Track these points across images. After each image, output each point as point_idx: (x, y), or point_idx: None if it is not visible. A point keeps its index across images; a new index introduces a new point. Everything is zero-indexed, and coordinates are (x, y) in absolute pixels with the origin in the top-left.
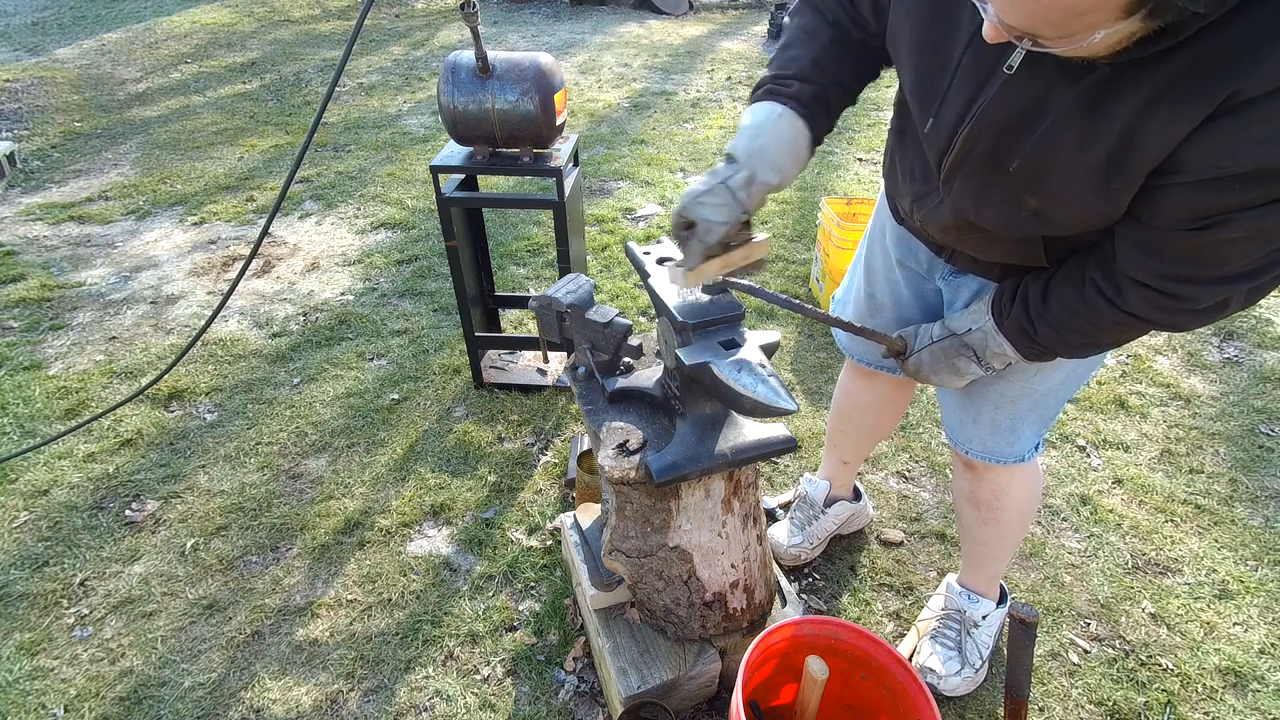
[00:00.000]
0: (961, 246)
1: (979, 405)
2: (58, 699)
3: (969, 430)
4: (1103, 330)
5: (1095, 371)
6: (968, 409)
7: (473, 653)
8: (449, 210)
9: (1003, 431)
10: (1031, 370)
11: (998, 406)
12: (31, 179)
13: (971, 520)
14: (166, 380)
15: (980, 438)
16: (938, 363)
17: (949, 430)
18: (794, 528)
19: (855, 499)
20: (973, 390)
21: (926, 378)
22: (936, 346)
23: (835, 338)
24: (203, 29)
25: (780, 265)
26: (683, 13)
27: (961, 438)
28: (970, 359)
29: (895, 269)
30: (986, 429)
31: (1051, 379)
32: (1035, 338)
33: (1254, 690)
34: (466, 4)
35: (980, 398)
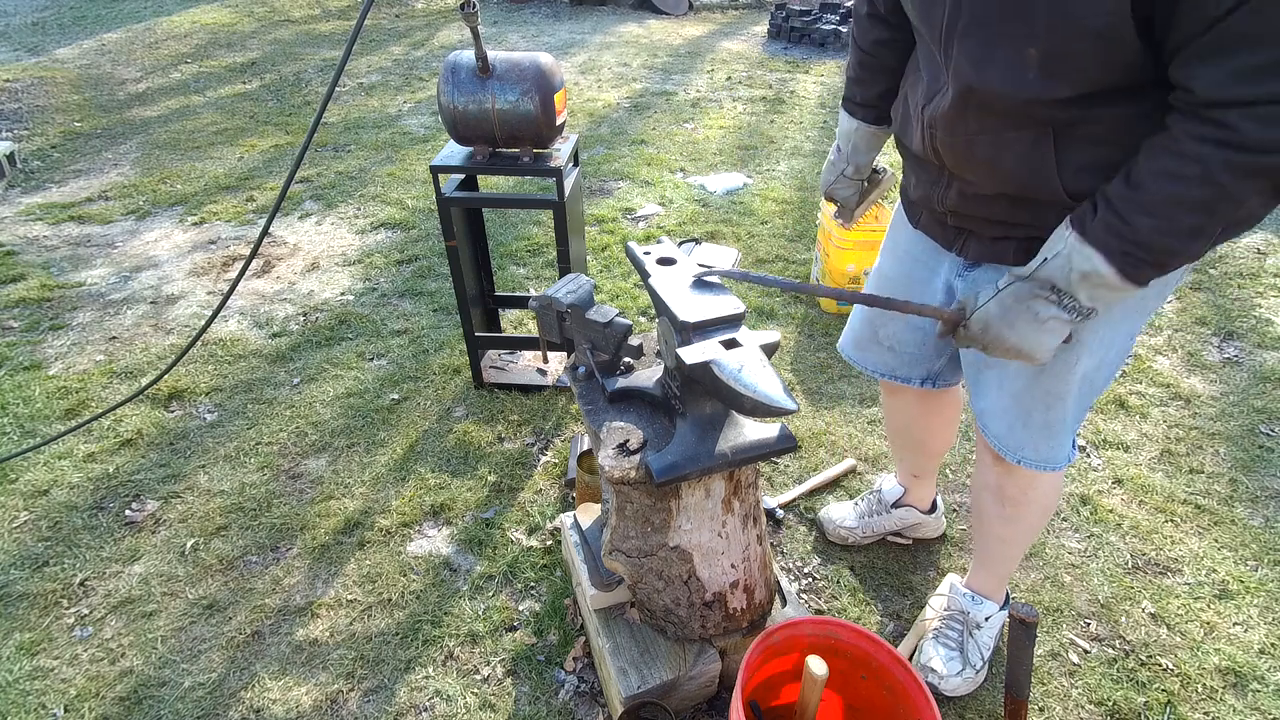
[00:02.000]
0: (969, 169)
1: (1028, 407)
2: (58, 699)
3: (1019, 437)
4: (1220, 189)
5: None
6: (1017, 412)
7: (473, 653)
8: (449, 210)
9: (1055, 435)
10: (1076, 352)
11: (1049, 407)
12: (31, 179)
13: (993, 516)
14: (166, 380)
15: (1033, 444)
16: (1009, 314)
17: (996, 438)
18: (855, 513)
19: (929, 510)
20: (1020, 391)
21: (997, 340)
22: (1005, 294)
23: (844, 353)
24: (203, 29)
25: (780, 265)
26: (683, 13)
27: (1011, 445)
28: (1050, 299)
29: (905, 275)
30: (1039, 433)
31: (1097, 352)
32: (1134, 236)
33: (1254, 690)
34: (466, 4)
35: (1029, 398)
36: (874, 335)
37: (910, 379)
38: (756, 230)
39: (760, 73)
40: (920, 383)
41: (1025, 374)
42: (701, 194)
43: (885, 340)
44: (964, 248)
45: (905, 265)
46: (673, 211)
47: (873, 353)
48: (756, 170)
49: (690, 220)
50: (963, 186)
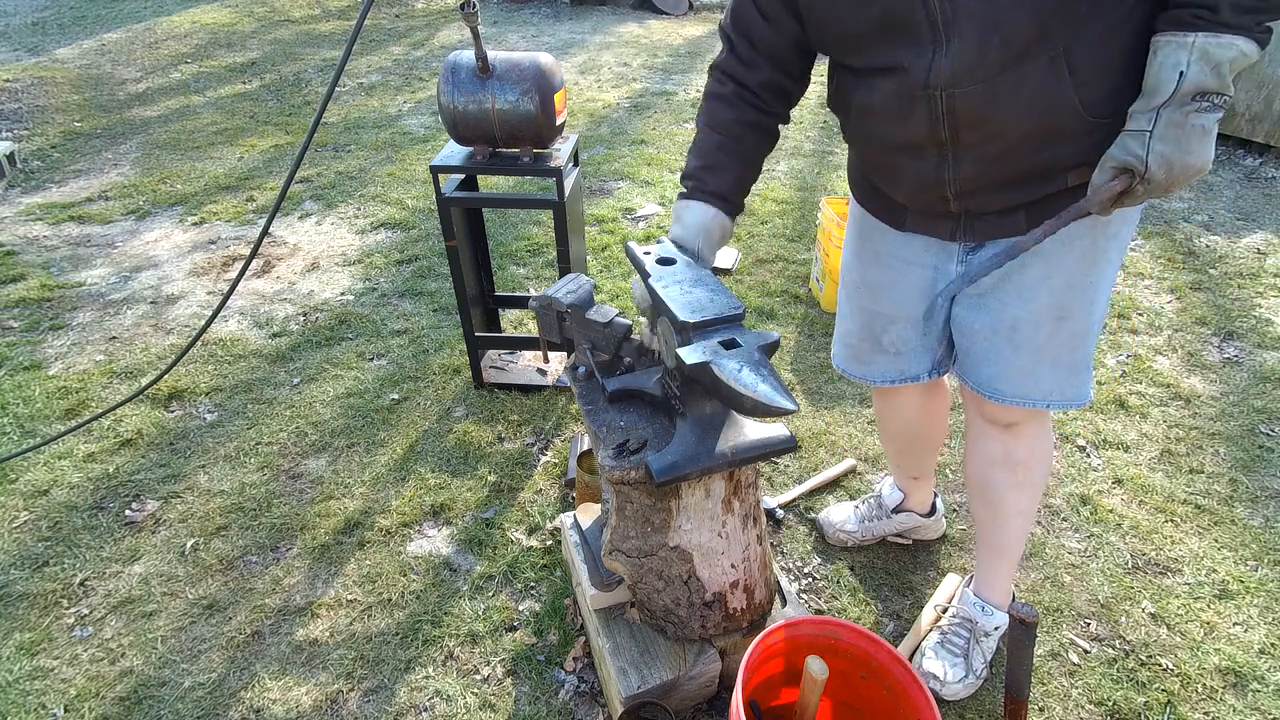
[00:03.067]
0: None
1: (1055, 355)
2: (58, 699)
3: (1045, 384)
4: None
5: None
6: (1041, 362)
7: (473, 653)
8: (449, 210)
9: (1080, 371)
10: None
11: (1074, 348)
12: (31, 179)
13: (1005, 487)
14: (166, 380)
15: (1059, 387)
16: (1182, 142)
17: (1020, 394)
18: (855, 516)
19: (929, 514)
20: (1042, 344)
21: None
22: (1162, 128)
23: (843, 370)
24: (203, 29)
25: (780, 265)
26: (683, 13)
27: (1038, 394)
28: (1203, 107)
29: (898, 280)
30: (1065, 374)
31: (1105, 285)
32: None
33: (1254, 690)
34: (466, 4)
35: (1054, 346)
36: (876, 344)
37: (919, 375)
38: (756, 230)
39: None
40: (929, 374)
41: (1046, 326)
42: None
43: (890, 345)
44: (968, 231)
45: (894, 270)
46: None
47: (876, 364)
48: None
49: None
50: (978, 152)
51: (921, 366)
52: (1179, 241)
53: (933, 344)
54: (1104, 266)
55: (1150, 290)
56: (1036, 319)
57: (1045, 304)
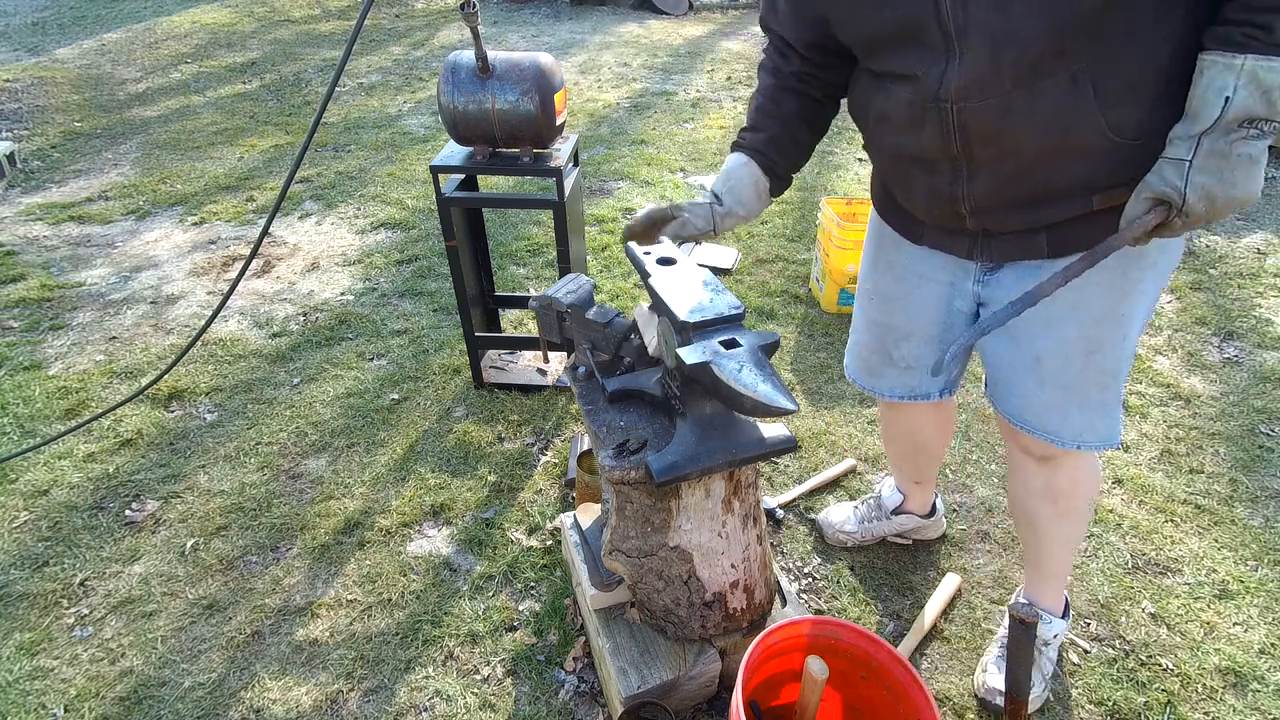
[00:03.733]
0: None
1: (1084, 392)
2: (58, 699)
3: (1076, 423)
4: None
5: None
6: (1071, 400)
7: (473, 653)
8: (449, 210)
9: (1110, 411)
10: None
11: (1104, 387)
12: (31, 179)
13: (1047, 517)
14: (166, 380)
15: (1091, 426)
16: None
17: (1048, 431)
18: (854, 517)
19: (928, 514)
20: (1071, 380)
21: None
22: (1203, 157)
23: (855, 380)
24: (203, 29)
25: (780, 265)
26: (683, 13)
27: (1068, 435)
28: (1251, 135)
29: (912, 294)
30: (1096, 413)
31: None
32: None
33: (1254, 690)
34: (466, 4)
35: (1083, 383)
36: (887, 357)
37: (930, 394)
38: (756, 230)
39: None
40: (940, 394)
41: (1075, 362)
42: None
43: (901, 360)
44: (986, 250)
45: (908, 283)
46: None
47: (888, 377)
48: None
49: None
50: (993, 169)
51: (934, 385)
52: None
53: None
54: (1138, 298)
55: None
56: (1065, 353)
57: (1074, 337)
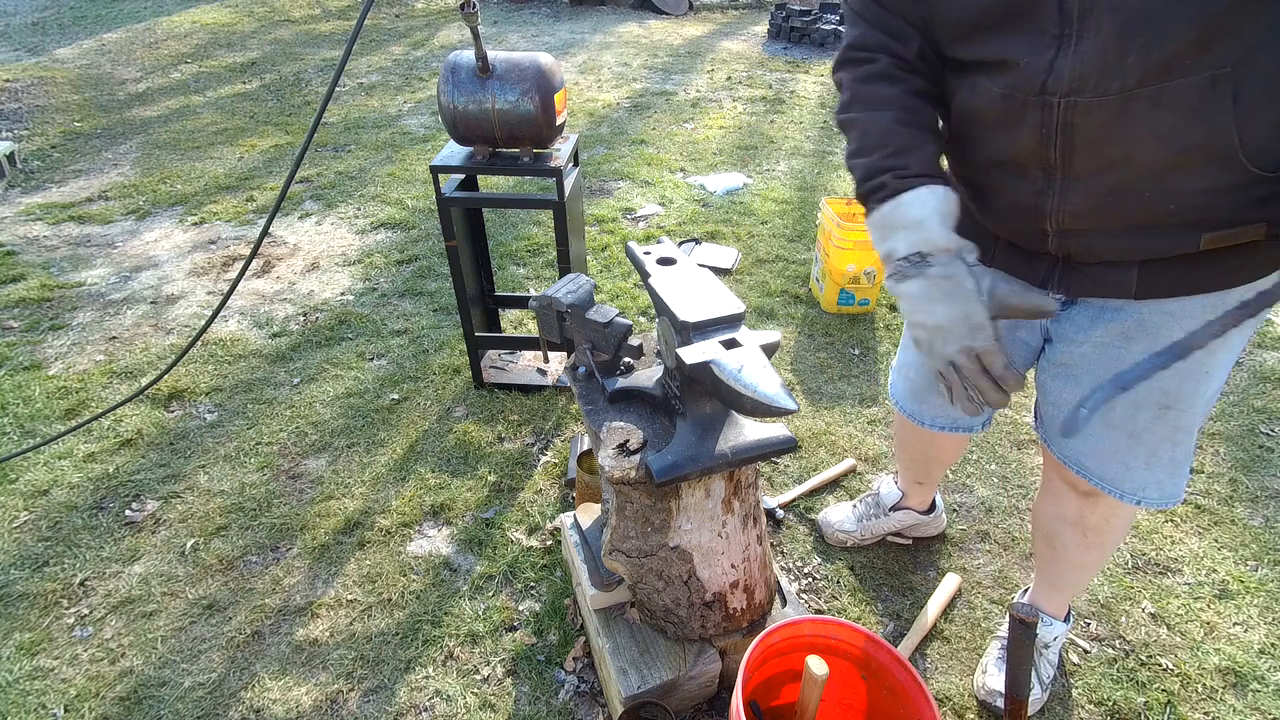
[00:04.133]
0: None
1: (1154, 445)
2: (58, 699)
3: (1140, 476)
4: None
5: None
6: (1135, 452)
7: (473, 653)
8: (449, 210)
9: (1180, 468)
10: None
11: (1176, 443)
12: (31, 179)
13: (1073, 545)
14: (166, 380)
15: (1156, 482)
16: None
17: (1107, 480)
18: (853, 516)
19: (928, 511)
20: (1143, 428)
21: None
22: None
23: (897, 404)
24: (203, 29)
25: (780, 265)
26: (683, 13)
27: (1128, 486)
28: None
29: None
30: (1165, 470)
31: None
32: None
33: (1254, 690)
34: (466, 4)
35: (1155, 436)
36: (934, 386)
37: (973, 427)
38: (756, 230)
39: (760, 73)
40: (983, 426)
41: (1146, 412)
42: (701, 194)
43: None
44: (1064, 282)
45: None
46: (673, 211)
47: (931, 404)
48: (756, 170)
49: (690, 220)
50: (1092, 182)
51: (978, 419)
52: None
53: None
54: (1224, 353)
55: None
56: (1136, 402)
57: (1148, 387)
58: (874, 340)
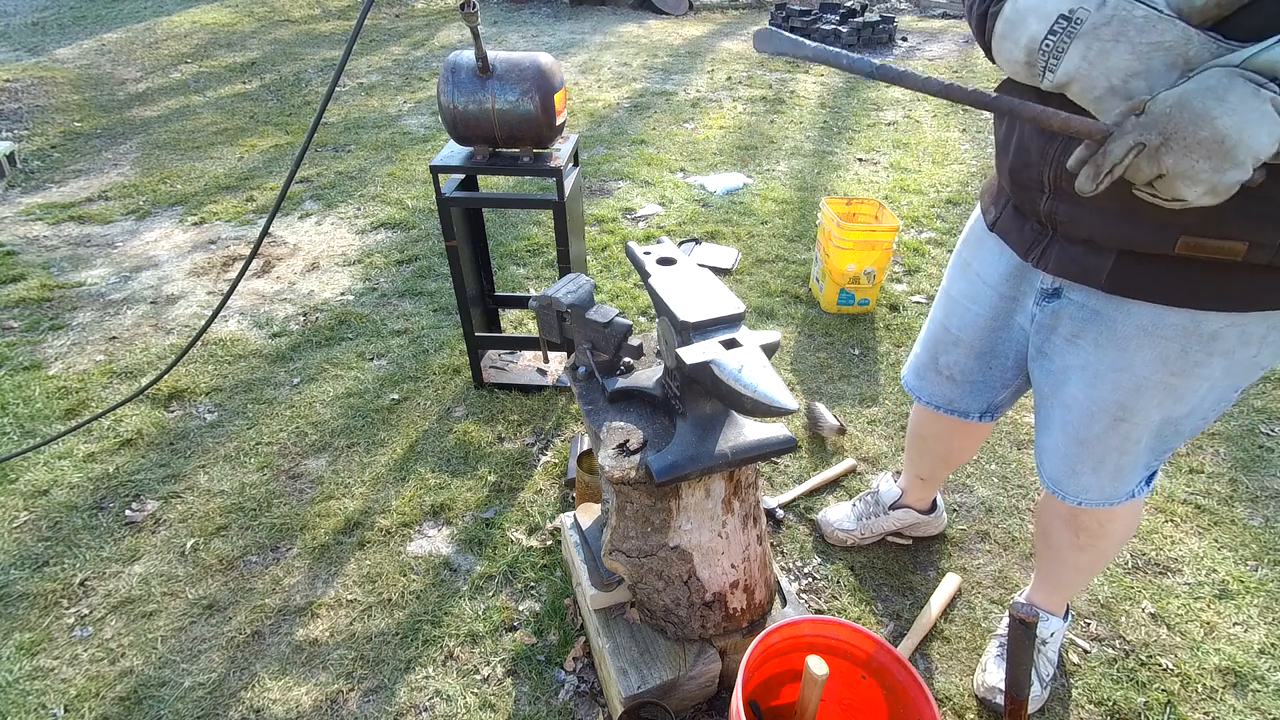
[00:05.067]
0: None
1: (1101, 454)
2: (58, 699)
3: (1084, 481)
4: None
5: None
6: (1084, 458)
7: (473, 653)
8: (449, 210)
9: (1124, 475)
10: (1165, 399)
11: (1122, 451)
12: (31, 179)
13: (1065, 544)
14: (166, 380)
15: (1099, 486)
16: (1218, 87)
17: (1055, 480)
18: (852, 515)
19: (928, 510)
20: (1093, 437)
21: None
22: (1206, 74)
23: (905, 382)
24: (203, 29)
25: (780, 265)
26: (683, 13)
27: (1070, 489)
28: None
29: (972, 297)
30: (1108, 477)
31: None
32: None
33: (1254, 690)
34: (466, 4)
35: (1099, 442)
36: (934, 362)
37: (969, 413)
38: (756, 230)
39: (760, 73)
40: (980, 416)
41: (1100, 422)
42: (701, 194)
43: (945, 369)
44: (1044, 255)
45: (973, 285)
46: (673, 211)
47: (930, 381)
48: (756, 170)
49: (690, 220)
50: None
51: (974, 405)
52: None
53: (994, 385)
54: (1195, 381)
55: None
56: (1092, 411)
57: (1107, 399)
58: (874, 340)
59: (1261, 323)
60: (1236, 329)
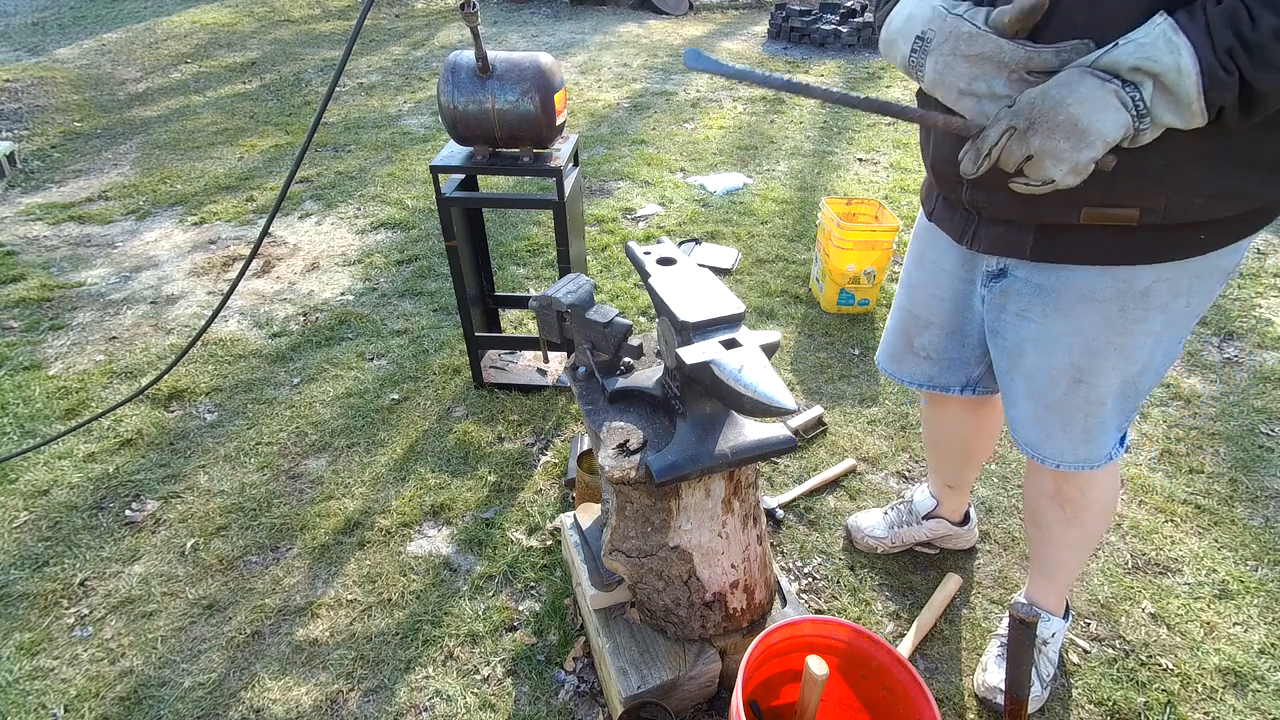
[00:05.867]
0: None
1: (1065, 415)
2: (58, 699)
3: (1056, 443)
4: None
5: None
6: (1053, 421)
7: (473, 653)
8: (449, 210)
9: (1095, 437)
10: (1115, 359)
11: (1086, 413)
12: (31, 179)
13: (1054, 520)
14: (166, 380)
15: (1072, 448)
16: (1069, 82)
17: (1031, 446)
18: (884, 522)
19: (962, 523)
20: (1057, 400)
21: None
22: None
23: (882, 368)
24: (203, 29)
25: (780, 265)
26: (683, 13)
27: (1048, 452)
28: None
29: (932, 284)
30: (1078, 438)
31: (1138, 359)
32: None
33: (1254, 690)
34: (466, 4)
35: (1063, 404)
36: (909, 345)
37: (950, 387)
38: (756, 230)
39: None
40: (961, 390)
41: (1060, 386)
42: (701, 194)
43: (921, 349)
44: (975, 238)
45: (930, 273)
46: (673, 211)
47: (909, 363)
48: (756, 170)
49: (690, 220)
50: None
51: (954, 379)
52: None
53: (969, 361)
54: (1140, 338)
55: None
56: (1051, 375)
57: (1063, 363)
58: (874, 340)
59: (1184, 274)
60: (1165, 283)
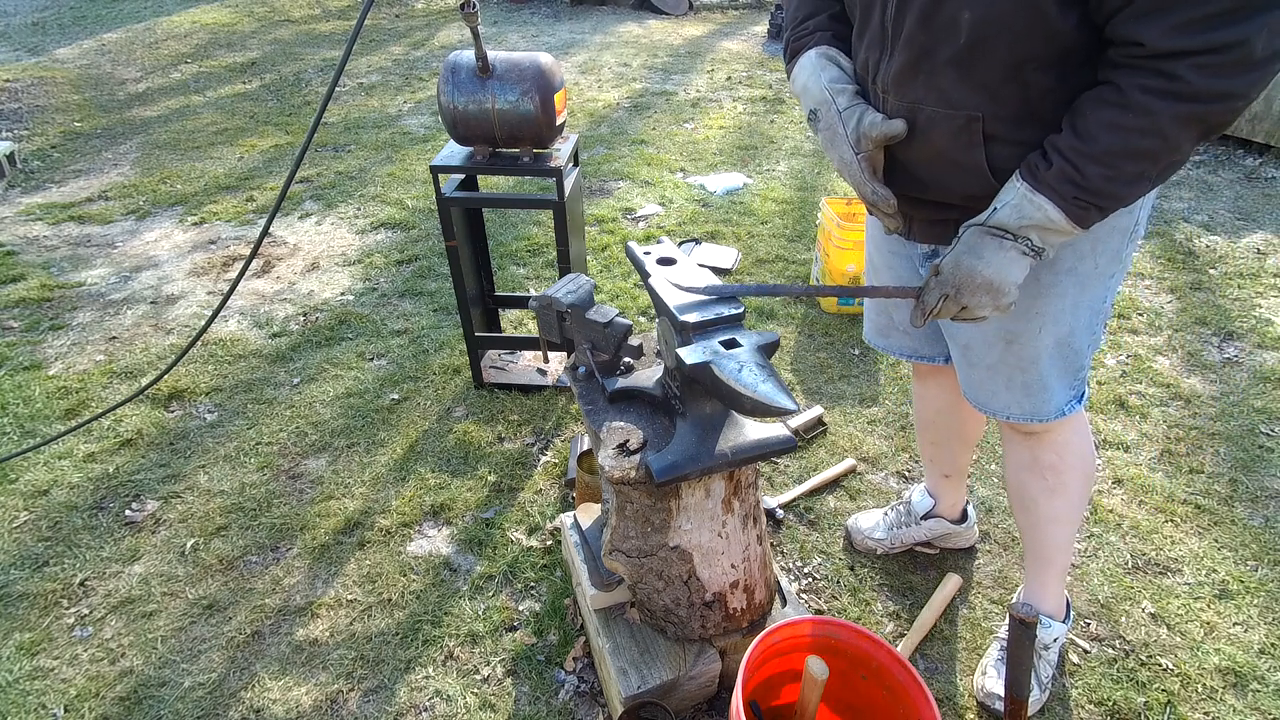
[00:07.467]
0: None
1: (1006, 374)
2: (58, 699)
3: (1002, 399)
4: (1164, 139)
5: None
6: (995, 379)
7: (473, 653)
8: (449, 210)
9: (1035, 392)
10: (1037, 322)
11: (1023, 370)
12: (31, 179)
13: (1038, 492)
14: (166, 380)
15: (1016, 401)
16: (975, 247)
17: (981, 405)
18: (884, 524)
19: (960, 520)
20: (995, 362)
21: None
22: (965, 236)
23: (870, 342)
24: (203, 29)
25: (780, 265)
26: (683, 13)
27: (997, 406)
28: (1005, 242)
29: (888, 266)
30: (1019, 393)
31: (1064, 322)
32: (1084, 184)
33: (1254, 690)
34: (466, 4)
35: (1005, 367)
36: (890, 321)
37: (935, 357)
38: (756, 230)
39: (760, 73)
40: (945, 360)
41: (996, 348)
42: (701, 194)
43: (900, 324)
44: (910, 230)
45: (885, 256)
46: (673, 211)
47: (894, 338)
48: (756, 170)
49: (690, 220)
50: (904, 160)
51: (935, 350)
52: (1179, 241)
53: (941, 334)
54: (1056, 300)
55: (1150, 290)
56: (986, 340)
57: (993, 328)
58: None
59: (1083, 238)
60: (1067, 249)
